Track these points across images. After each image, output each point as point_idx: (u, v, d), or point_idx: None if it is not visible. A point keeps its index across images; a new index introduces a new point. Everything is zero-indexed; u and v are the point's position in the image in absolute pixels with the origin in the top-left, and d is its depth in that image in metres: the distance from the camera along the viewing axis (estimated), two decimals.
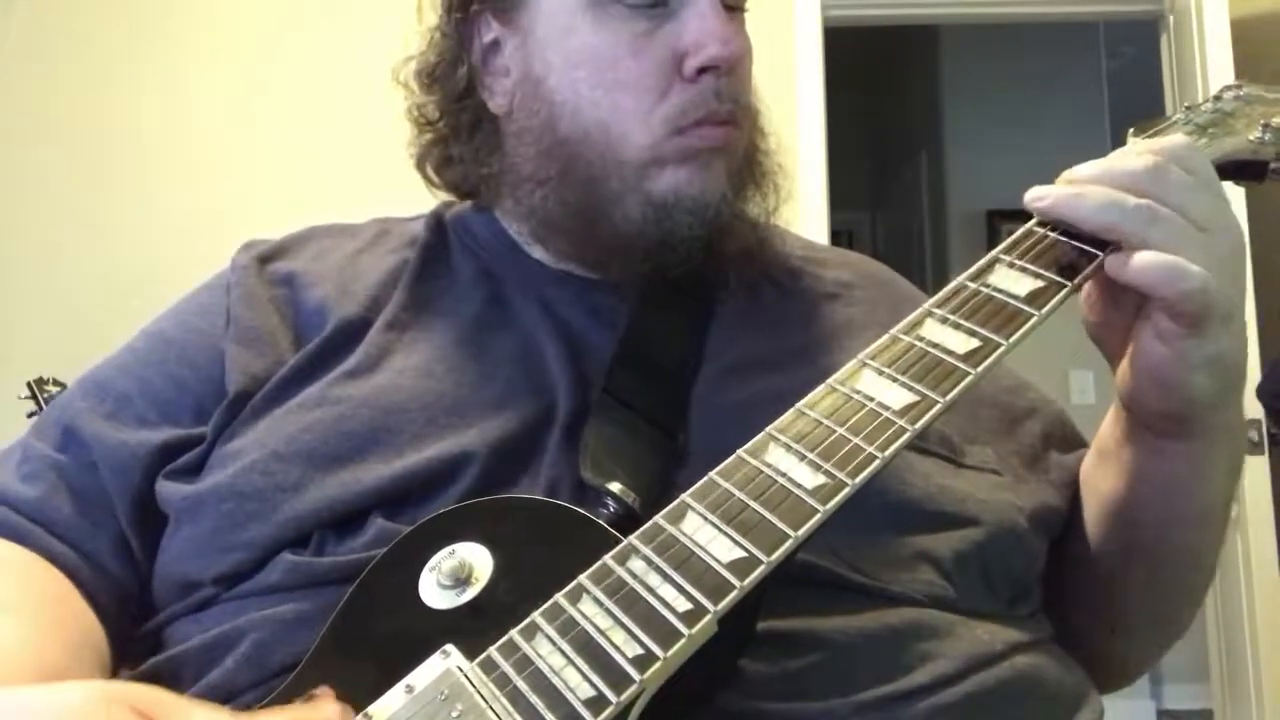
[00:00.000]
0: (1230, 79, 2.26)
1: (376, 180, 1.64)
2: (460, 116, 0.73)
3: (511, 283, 0.70)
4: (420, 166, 0.77)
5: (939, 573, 0.57)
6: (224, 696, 0.52)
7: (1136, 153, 0.57)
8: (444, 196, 0.79)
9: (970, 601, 0.57)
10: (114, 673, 0.59)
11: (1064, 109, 4.13)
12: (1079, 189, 0.56)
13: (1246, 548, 2.20)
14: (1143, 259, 0.52)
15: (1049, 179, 0.60)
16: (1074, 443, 0.73)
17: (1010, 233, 0.58)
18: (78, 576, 0.60)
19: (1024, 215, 0.59)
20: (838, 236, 3.48)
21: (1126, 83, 4.21)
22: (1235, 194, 2.26)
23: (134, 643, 0.61)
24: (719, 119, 0.66)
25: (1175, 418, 0.58)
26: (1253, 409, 2.16)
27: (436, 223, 0.75)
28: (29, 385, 2.15)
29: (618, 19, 0.66)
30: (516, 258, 0.72)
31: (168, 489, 0.61)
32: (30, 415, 2.13)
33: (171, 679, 0.55)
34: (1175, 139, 0.60)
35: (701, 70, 0.65)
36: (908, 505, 0.59)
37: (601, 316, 0.67)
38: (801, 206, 2.41)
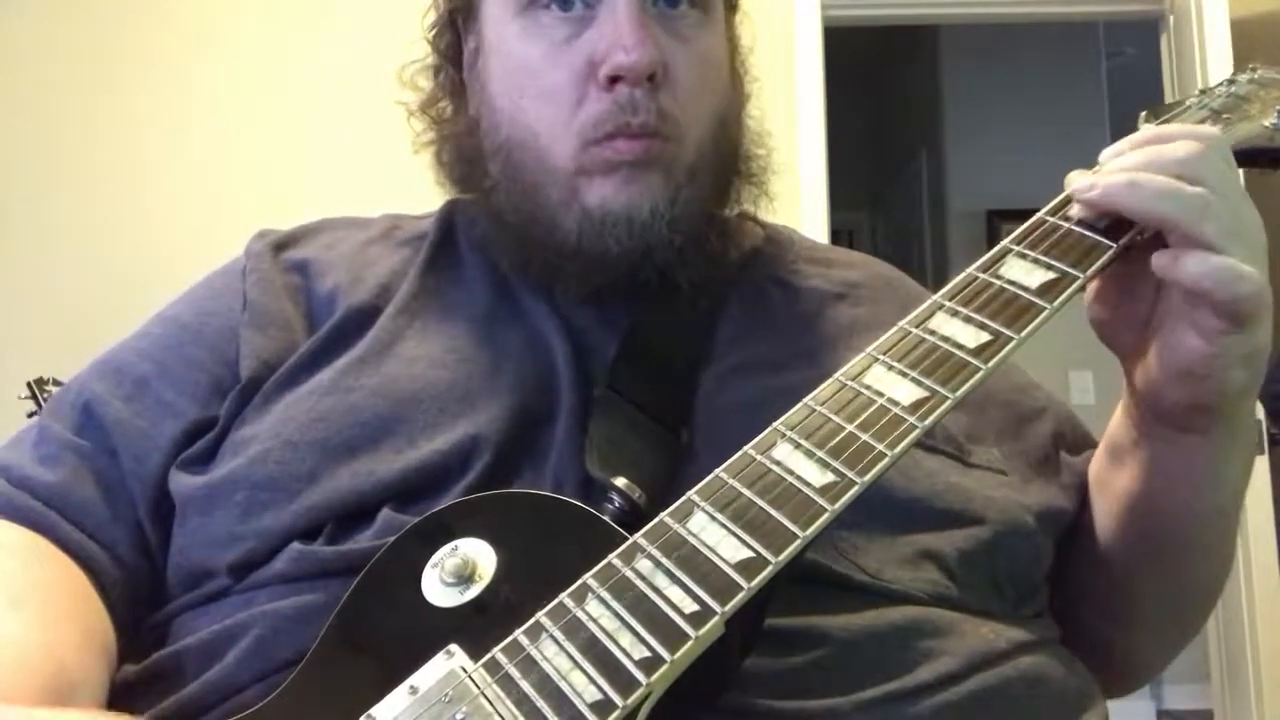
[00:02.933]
0: None
1: (377, 182, 1.64)
2: (458, 118, 0.73)
3: (519, 278, 0.70)
4: (436, 160, 0.77)
5: (944, 571, 0.57)
6: (224, 693, 0.52)
7: (1174, 136, 0.56)
8: (452, 194, 0.79)
9: (975, 601, 0.57)
10: (119, 667, 0.58)
11: (1064, 109, 4.13)
12: (1130, 177, 0.54)
13: (1246, 548, 2.20)
14: (1199, 261, 0.52)
15: (1049, 179, 0.59)
16: (1084, 444, 0.72)
17: (1011, 232, 0.58)
18: (92, 565, 0.60)
19: (1024, 215, 0.59)
20: (838, 236, 3.48)
21: (1126, 83, 4.22)
22: None
23: (141, 636, 0.60)
24: (631, 132, 0.63)
25: (1202, 410, 0.57)
26: None
27: (446, 217, 0.75)
28: (29, 385, 2.14)
29: (542, 26, 0.65)
30: None
31: (179, 479, 0.61)
32: (30, 415, 2.12)
33: (174, 675, 0.55)
34: (1208, 127, 0.59)
35: (614, 79, 0.62)
36: (913, 503, 0.58)
37: (606, 314, 0.67)
38: (801, 206, 2.41)
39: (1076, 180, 0.57)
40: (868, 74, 4.79)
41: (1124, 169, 0.55)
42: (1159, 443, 0.61)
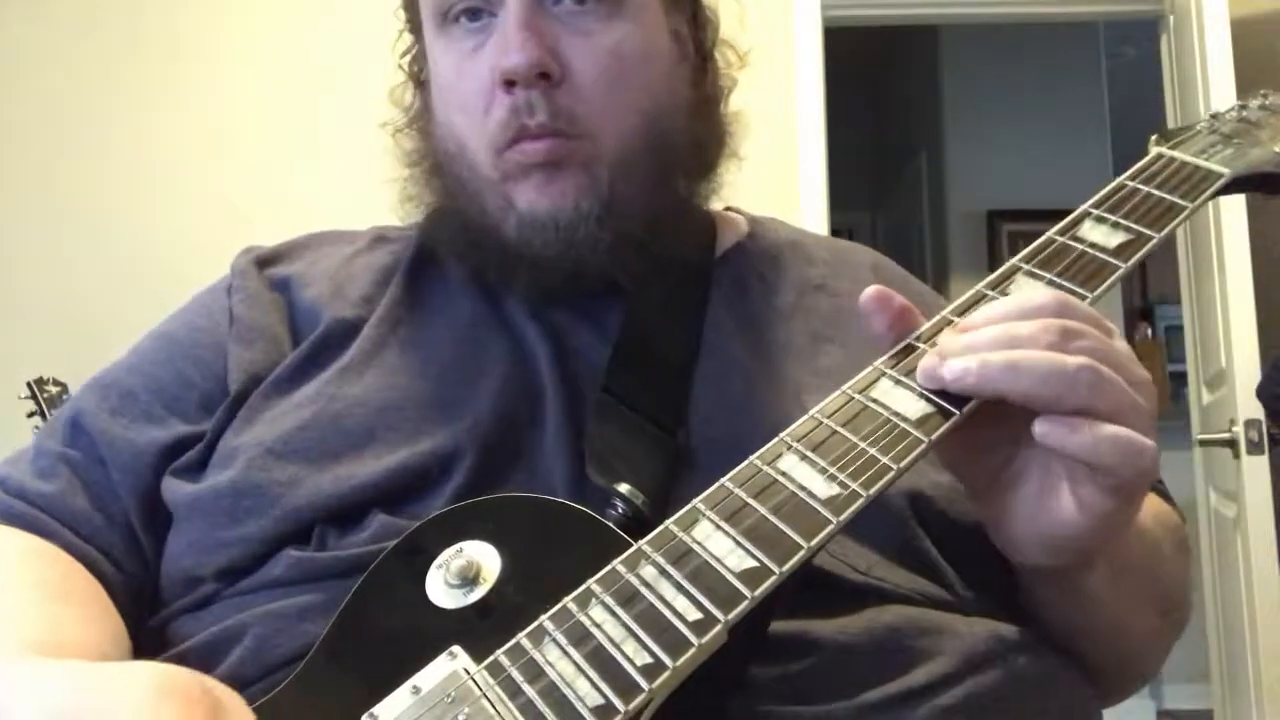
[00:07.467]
0: (1230, 78, 2.25)
1: (378, 183, 1.64)
2: (426, 135, 0.74)
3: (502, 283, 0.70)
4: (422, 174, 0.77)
5: (935, 570, 0.57)
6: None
7: (1037, 307, 0.50)
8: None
9: (967, 600, 0.57)
10: None
11: (1064, 109, 4.13)
12: (1007, 357, 0.48)
13: (1246, 548, 2.19)
14: (1100, 434, 0.46)
15: (1049, 179, 0.60)
16: None
17: (1010, 233, 0.58)
18: (98, 571, 0.61)
19: (1024, 215, 0.59)
20: (837, 236, 3.48)
21: (1126, 83, 4.22)
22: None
23: (140, 640, 0.60)
24: (531, 133, 0.63)
25: (1060, 570, 0.54)
26: (1252, 409, 2.16)
27: (430, 226, 0.75)
28: (29, 385, 2.15)
29: (455, 40, 0.67)
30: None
31: (171, 487, 0.62)
32: (30, 415, 2.12)
33: None
34: (1046, 292, 0.52)
35: (510, 83, 0.63)
36: (901, 500, 0.58)
37: (590, 315, 0.68)
38: (801, 206, 2.42)
39: (943, 348, 0.50)
40: (868, 74, 4.79)
41: (998, 344, 0.48)
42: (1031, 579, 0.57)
